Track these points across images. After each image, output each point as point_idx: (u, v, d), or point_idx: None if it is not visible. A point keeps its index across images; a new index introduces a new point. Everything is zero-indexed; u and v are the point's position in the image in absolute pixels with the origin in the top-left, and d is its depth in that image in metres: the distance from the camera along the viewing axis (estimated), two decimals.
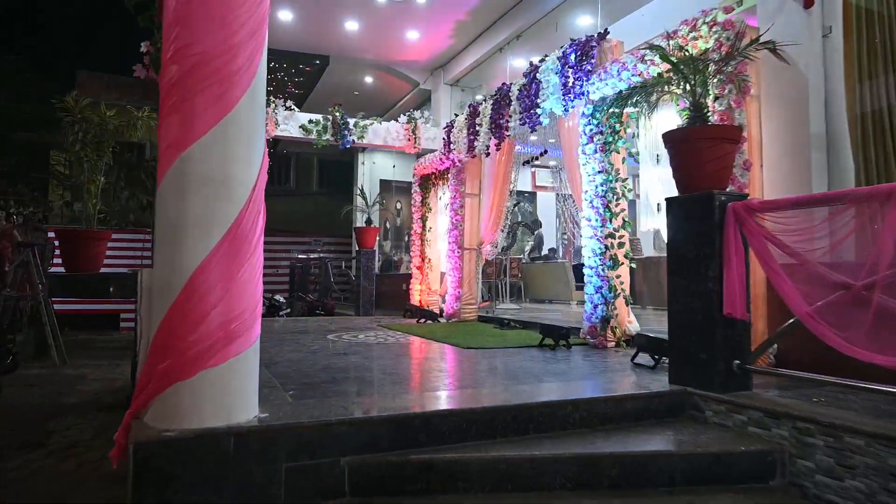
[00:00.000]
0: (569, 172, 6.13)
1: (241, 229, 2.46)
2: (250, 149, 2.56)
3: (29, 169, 14.79)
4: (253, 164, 2.57)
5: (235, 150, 2.48)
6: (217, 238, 2.40)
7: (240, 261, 2.46)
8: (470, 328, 6.99)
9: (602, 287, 5.18)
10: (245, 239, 2.49)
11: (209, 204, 2.41)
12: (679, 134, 3.38)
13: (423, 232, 9.34)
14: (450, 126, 8.07)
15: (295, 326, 7.40)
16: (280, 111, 8.80)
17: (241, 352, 2.46)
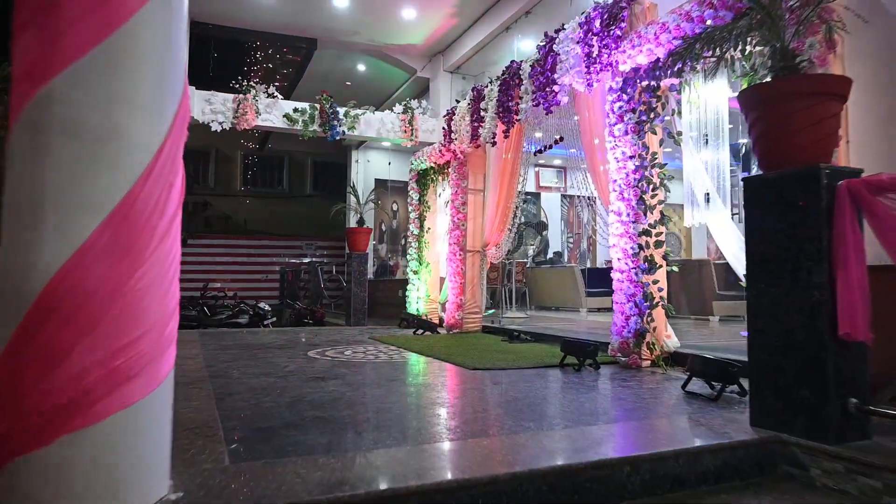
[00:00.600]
0: (589, 162, 5.26)
1: (134, 211, 1.59)
2: (157, 89, 1.68)
3: None
4: (160, 114, 1.69)
5: (128, 89, 1.61)
6: (94, 223, 1.52)
7: (133, 260, 1.58)
8: (474, 341, 6.10)
9: (635, 295, 4.30)
10: (144, 226, 1.61)
11: (82, 169, 1.53)
12: (765, 90, 2.52)
13: (420, 233, 8.47)
14: (451, 113, 7.21)
15: (275, 339, 6.51)
16: (262, 98, 7.93)
17: (136, 401, 1.58)
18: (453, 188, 7.23)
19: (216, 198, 18.25)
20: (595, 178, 5.19)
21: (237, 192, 19.33)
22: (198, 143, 18.37)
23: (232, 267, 16.75)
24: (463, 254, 7.15)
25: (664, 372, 4.08)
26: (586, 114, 5.24)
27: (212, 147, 18.85)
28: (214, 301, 12.74)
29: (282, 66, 9.88)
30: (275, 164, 20.11)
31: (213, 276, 16.27)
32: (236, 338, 6.71)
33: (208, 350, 5.48)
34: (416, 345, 5.76)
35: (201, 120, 7.65)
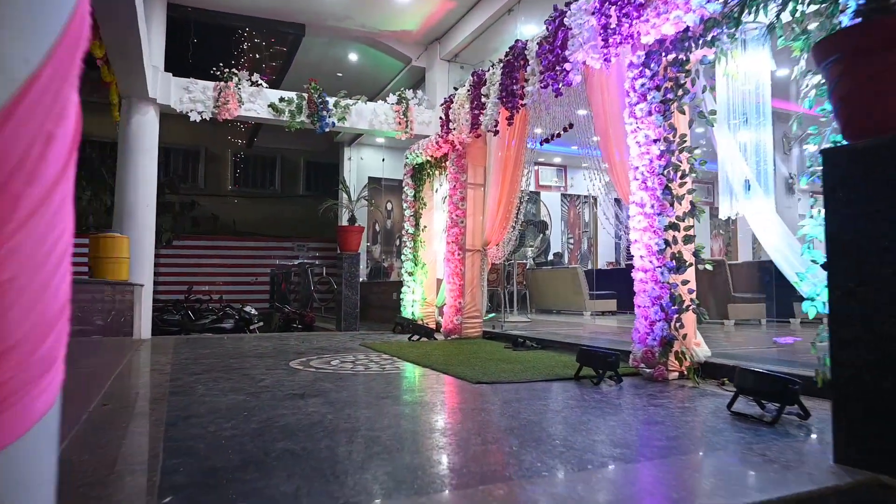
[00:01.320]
0: (603, 150, 4.74)
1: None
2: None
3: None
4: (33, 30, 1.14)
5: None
6: None
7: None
8: (475, 349, 5.56)
9: (661, 297, 3.77)
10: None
11: None
12: (854, 38, 1.99)
13: (416, 231, 7.93)
14: (448, 101, 6.68)
15: (257, 346, 5.95)
16: (245, 86, 7.38)
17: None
18: (451, 182, 6.70)
19: (205, 198, 17.67)
20: (611, 167, 4.66)
21: (227, 192, 18.75)
22: (187, 142, 17.83)
23: (220, 269, 16.17)
24: (462, 253, 6.61)
25: (696, 385, 3.55)
26: (599, 96, 4.72)
27: (201, 146, 18.29)
28: (199, 305, 12.17)
29: (268, 55, 9.33)
30: (267, 163, 19.59)
31: (199, 279, 15.68)
32: (216, 345, 6.15)
33: (180, 359, 4.92)
34: (412, 353, 5.21)
35: (179, 109, 7.10)
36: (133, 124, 6.85)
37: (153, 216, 7.06)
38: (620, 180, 4.56)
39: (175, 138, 17.71)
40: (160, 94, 6.94)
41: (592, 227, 15.36)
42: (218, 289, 15.78)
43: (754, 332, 6.83)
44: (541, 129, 5.82)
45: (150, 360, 5.09)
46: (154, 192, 7.09)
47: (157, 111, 7.05)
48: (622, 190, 4.51)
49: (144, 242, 6.87)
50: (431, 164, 7.55)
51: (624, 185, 4.51)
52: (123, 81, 6.35)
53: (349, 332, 7.76)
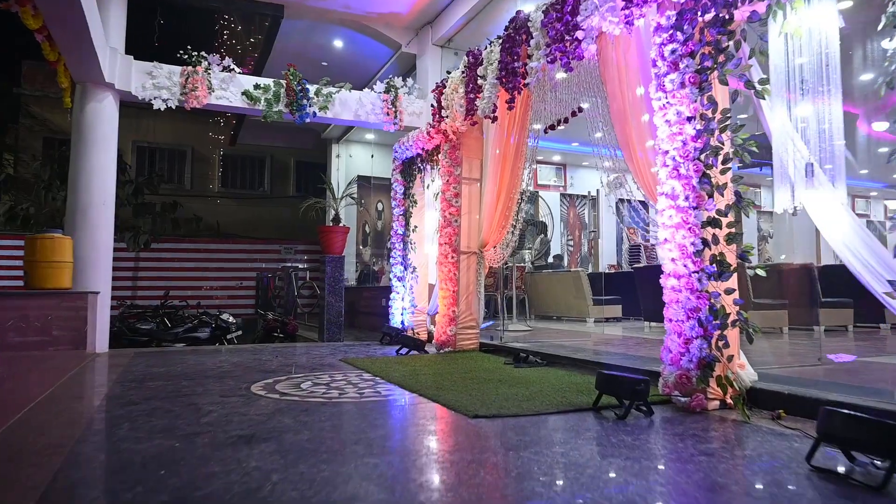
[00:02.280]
0: (620, 135, 4.05)
1: None
2: None
3: None
4: None
5: None
6: None
7: None
8: (471, 365, 4.86)
9: (699, 309, 3.07)
10: None
11: None
12: None
13: (406, 232, 7.22)
14: (441, 86, 5.98)
15: (223, 362, 5.22)
16: (215, 72, 6.66)
17: None
18: (444, 177, 6.00)
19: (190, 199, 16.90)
20: (629, 156, 3.97)
21: (215, 192, 18.01)
22: (173, 141, 17.07)
23: (203, 273, 15.41)
24: (456, 256, 5.91)
25: (745, 419, 2.85)
26: (616, 73, 4.04)
27: (188, 145, 17.55)
28: (176, 312, 11.41)
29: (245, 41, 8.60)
30: (255, 163, 18.87)
31: (181, 284, 14.92)
32: (177, 361, 5.42)
33: (125, 381, 4.20)
34: (398, 371, 4.50)
35: (140, 96, 6.37)
36: (88, 112, 6.12)
37: (111, 215, 6.32)
38: (642, 170, 3.87)
39: (161, 137, 16.98)
40: (119, 79, 6.21)
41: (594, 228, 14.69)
42: (201, 294, 15.03)
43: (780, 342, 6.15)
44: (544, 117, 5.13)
45: (91, 381, 4.36)
46: (112, 188, 6.35)
47: (116, 98, 6.33)
48: (644, 182, 3.83)
49: (100, 245, 6.13)
50: (422, 158, 6.85)
51: (646, 177, 3.82)
52: (73, 63, 5.62)
53: (332, 344, 7.04)
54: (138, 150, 17.27)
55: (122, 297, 14.38)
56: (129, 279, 15.00)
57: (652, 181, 3.79)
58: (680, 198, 3.17)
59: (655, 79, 3.35)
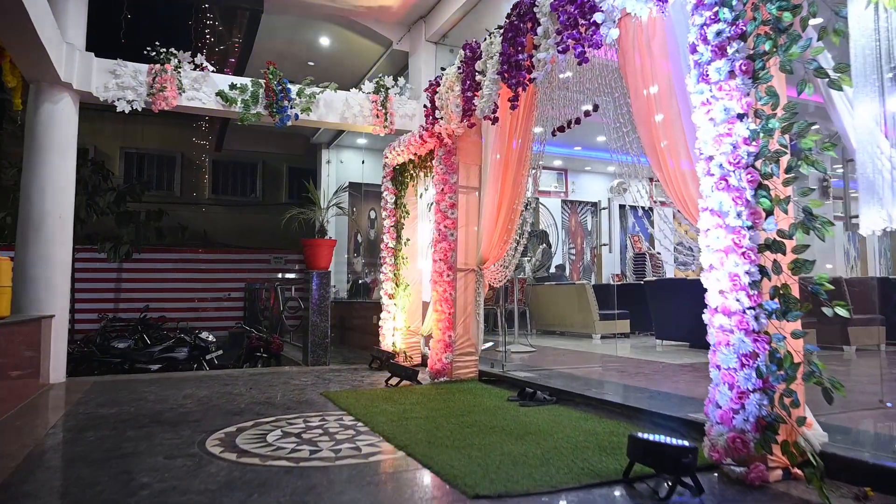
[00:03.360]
0: (645, 137, 3.43)
1: None
2: None
3: None
4: None
5: None
6: None
7: None
8: (470, 402, 4.22)
9: (756, 355, 2.45)
10: None
11: None
12: None
13: (397, 245, 6.59)
14: (434, 85, 5.36)
15: (187, 397, 4.56)
16: (186, 70, 6.03)
17: None
18: (439, 186, 5.37)
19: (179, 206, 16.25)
20: (656, 163, 3.36)
21: (205, 199, 17.36)
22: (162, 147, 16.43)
23: (188, 284, 14.75)
24: (452, 274, 5.27)
25: (825, 501, 2.21)
26: (637, 62, 3.42)
27: (177, 151, 16.91)
28: (157, 328, 10.76)
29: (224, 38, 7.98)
30: (247, 169, 18.23)
31: (165, 296, 14.26)
32: (138, 394, 4.78)
33: (64, 428, 3.57)
34: (385, 413, 3.86)
35: (103, 97, 5.74)
36: (42, 115, 5.48)
37: (69, 230, 5.68)
38: (673, 180, 3.25)
39: (149, 143, 16.35)
40: (78, 78, 5.58)
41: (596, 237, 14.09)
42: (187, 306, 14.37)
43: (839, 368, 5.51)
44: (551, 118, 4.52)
45: (19, 428, 3.70)
46: (71, 200, 5.71)
47: (74, 100, 5.69)
48: (677, 194, 3.20)
49: (56, 263, 5.48)
50: (415, 164, 6.22)
51: (679, 188, 3.20)
52: (20, 59, 4.99)
53: (316, 369, 6.39)
54: (126, 156, 16.65)
55: (104, 309, 13.75)
56: (112, 291, 14.35)
57: (686, 191, 3.18)
58: (730, 215, 2.54)
59: (696, 68, 2.73)
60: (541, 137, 4.60)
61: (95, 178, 12.40)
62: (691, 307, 7.32)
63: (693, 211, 3.19)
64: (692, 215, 3.18)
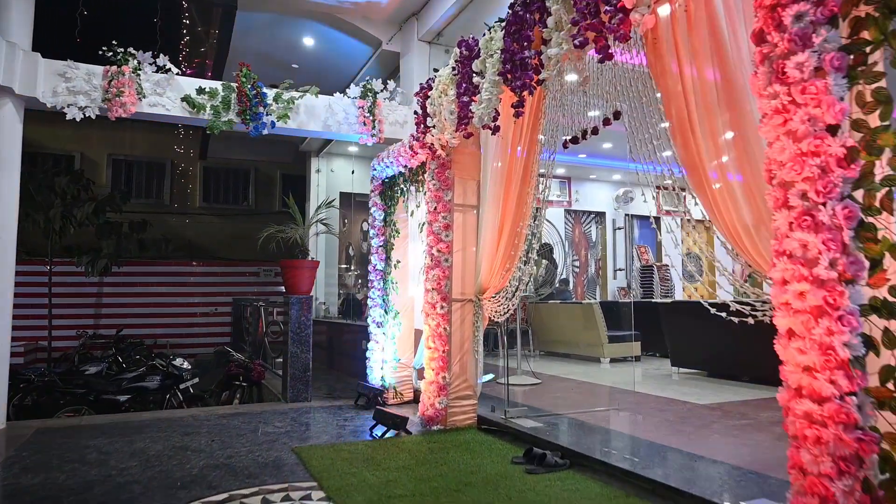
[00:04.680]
0: (682, 150, 2.76)
1: None
2: None
3: None
4: None
5: None
6: None
7: None
8: (467, 465, 3.52)
9: (861, 462, 1.75)
10: None
11: None
12: None
13: (386, 268, 5.90)
14: (426, 88, 4.68)
15: (133, 455, 3.86)
16: (146, 72, 5.35)
17: None
18: (431, 204, 4.68)
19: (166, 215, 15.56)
20: (696, 180, 2.68)
21: (196, 208, 16.67)
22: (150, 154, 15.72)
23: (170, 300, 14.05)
24: (447, 305, 4.58)
25: None
26: (673, 58, 2.75)
27: (167, 158, 16.21)
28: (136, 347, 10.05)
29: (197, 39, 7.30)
30: (240, 177, 17.54)
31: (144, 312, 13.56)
32: (79, 451, 4.08)
33: None
34: (364, 488, 3.16)
35: (51, 104, 5.07)
36: None
37: (12, 252, 4.99)
38: (719, 209, 2.57)
39: (137, 149, 15.67)
40: (21, 81, 4.90)
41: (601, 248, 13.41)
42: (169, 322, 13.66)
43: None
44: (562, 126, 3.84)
45: None
46: (14, 219, 5.03)
47: (18, 106, 5.01)
48: (729, 228, 2.52)
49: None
50: (405, 178, 5.54)
51: (728, 218, 2.52)
52: None
53: (295, 407, 5.69)
54: (114, 163, 15.95)
55: (83, 326, 13.05)
56: (92, 306, 13.65)
57: (738, 221, 2.50)
58: (819, 263, 1.85)
59: (764, 63, 2.05)
60: (549, 148, 3.92)
61: (73, 188, 11.72)
62: (709, 333, 6.66)
63: (746, 245, 2.51)
64: (746, 251, 2.50)
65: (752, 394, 5.57)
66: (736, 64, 2.54)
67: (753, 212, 2.44)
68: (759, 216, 2.43)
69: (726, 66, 2.58)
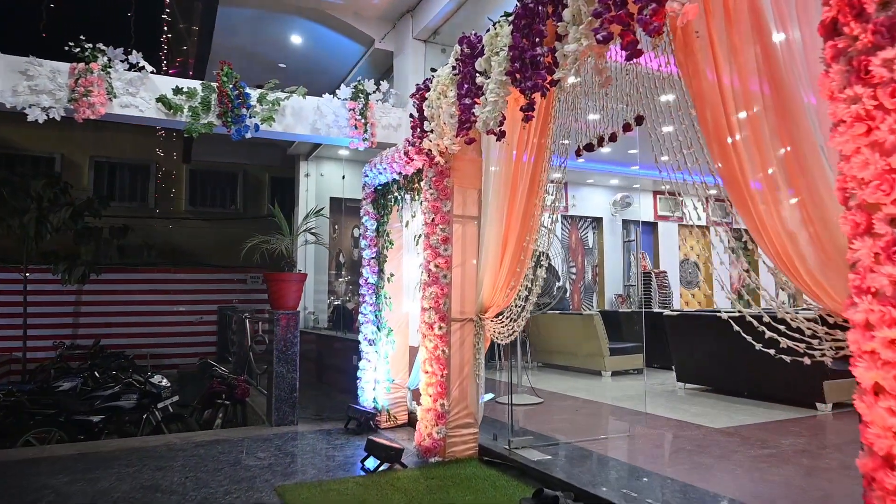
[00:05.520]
0: (721, 159, 2.41)
1: None
2: None
3: None
4: None
5: None
6: None
7: None
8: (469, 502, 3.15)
9: None
10: None
11: None
12: None
13: (378, 281, 5.52)
14: (423, 90, 4.31)
15: (89, 499, 3.45)
16: (118, 70, 4.94)
17: None
18: (428, 215, 4.31)
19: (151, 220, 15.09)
20: (738, 195, 2.33)
21: (182, 212, 16.19)
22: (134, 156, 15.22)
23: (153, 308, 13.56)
24: (445, 325, 4.21)
25: None
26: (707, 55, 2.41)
27: (152, 161, 15.69)
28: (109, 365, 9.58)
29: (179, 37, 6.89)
30: (227, 180, 17.06)
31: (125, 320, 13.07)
32: (36, 484, 3.66)
33: None
34: None
35: (10, 104, 4.65)
36: None
37: None
38: (766, 229, 2.23)
39: (121, 151, 15.16)
40: None
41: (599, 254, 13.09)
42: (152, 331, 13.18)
43: None
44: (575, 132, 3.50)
45: None
46: None
47: None
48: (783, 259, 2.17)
49: None
50: (399, 186, 5.16)
51: (777, 243, 2.18)
52: None
53: (281, 431, 5.29)
54: (97, 165, 15.43)
55: (61, 336, 12.53)
56: (70, 315, 13.13)
57: (792, 247, 2.15)
58: None
59: (838, 60, 1.70)
60: (561, 155, 3.57)
61: (49, 192, 11.24)
62: (714, 347, 6.35)
63: (800, 275, 2.15)
64: (802, 283, 2.15)
65: (765, 414, 5.25)
66: (786, 63, 2.20)
67: (812, 239, 2.10)
68: (818, 242, 2.09)
69: (774, 65, 2.24)
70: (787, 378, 5.62)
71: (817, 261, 2.07)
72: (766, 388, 5.93)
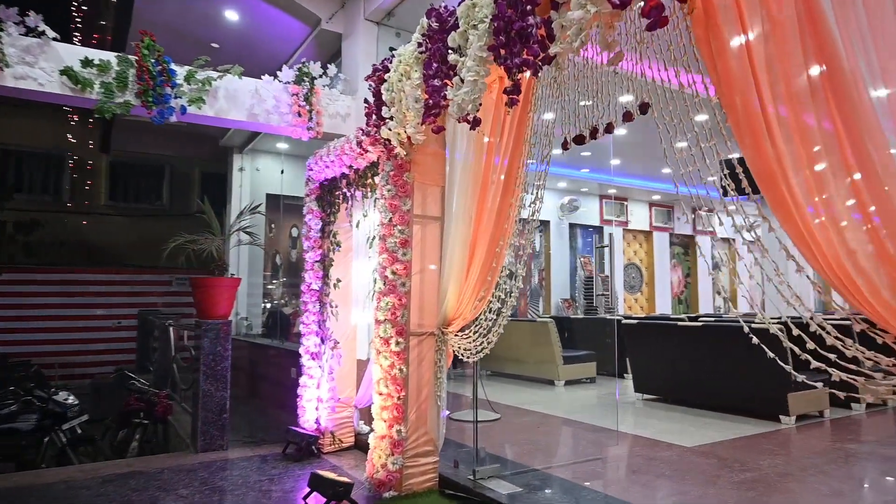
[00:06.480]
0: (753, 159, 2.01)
1: None
2: None
3: None
4: None
5: None
6: None
7: None
8: None
9: None
10: None
11: None
12: None
13: (324, 287, 4.92)
14: (381, 71, 3.77)
15: None
16: (12, 35, 4.13)
17: None
18: (385, 214, 3.77)
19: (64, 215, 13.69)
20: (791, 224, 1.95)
21: (100, 207, 14.80)
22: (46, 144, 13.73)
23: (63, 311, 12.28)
24: (403, 341, 3.68)
25: None
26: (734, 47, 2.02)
27: (66, 150, 14.21)
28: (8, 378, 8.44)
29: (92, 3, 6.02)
30: (152, 173, 15.77)
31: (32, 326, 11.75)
32: None
33: None
34: None
35: None
36: None
37: None
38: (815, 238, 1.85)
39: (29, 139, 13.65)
40: None
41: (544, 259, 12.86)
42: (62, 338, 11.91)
43: None
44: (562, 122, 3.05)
45: None
46: None
47: None
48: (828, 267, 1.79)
49: None
50: (349, 181, 4.59)
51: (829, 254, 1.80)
52: None
53: (207, 459, 4.59)
54: (3, 153, 13.87)
55: None
56: None
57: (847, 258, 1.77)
58: None
59: None
60: (541, 150, 3.13)
61: None
62: (674, 356, 6.15)
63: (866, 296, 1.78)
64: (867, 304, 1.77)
65: (731, 429, 5.02)
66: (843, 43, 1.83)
67: (876, 247, 1.72)
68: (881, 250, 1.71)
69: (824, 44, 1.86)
70: (751, 390, 5.44)
71: (889, 280, 1.69)
72: (728, 399, 5.75)
